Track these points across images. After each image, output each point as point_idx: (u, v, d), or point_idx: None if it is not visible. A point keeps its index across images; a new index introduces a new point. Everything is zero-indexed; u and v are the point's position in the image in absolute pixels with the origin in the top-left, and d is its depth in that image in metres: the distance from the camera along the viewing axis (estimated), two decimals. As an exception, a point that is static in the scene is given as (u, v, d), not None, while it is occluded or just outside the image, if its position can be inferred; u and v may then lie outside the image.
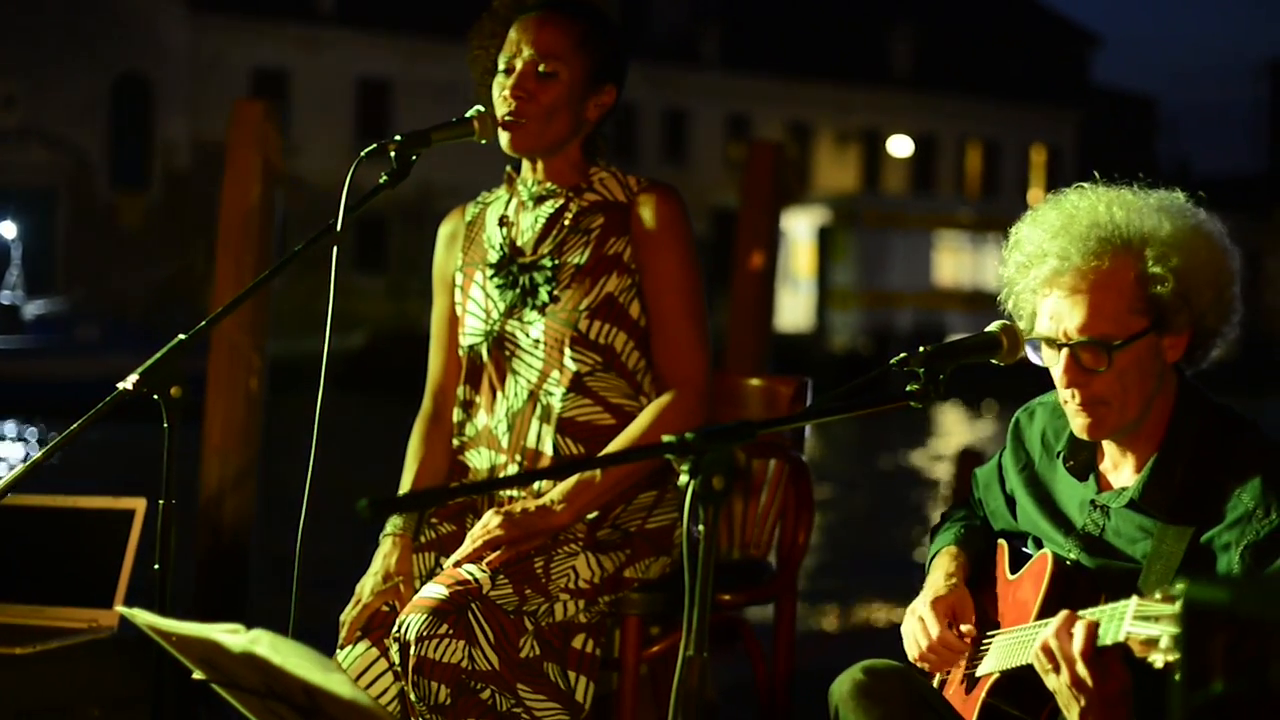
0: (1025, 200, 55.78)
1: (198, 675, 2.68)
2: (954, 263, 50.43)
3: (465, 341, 3.89)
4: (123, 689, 4.02)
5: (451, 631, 3.48)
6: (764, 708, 3.98)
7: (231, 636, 2.41)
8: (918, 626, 3.22)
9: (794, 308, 45.44)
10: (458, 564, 3.59)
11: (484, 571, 3.57)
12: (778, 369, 8.75)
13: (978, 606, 3.26)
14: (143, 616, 2.61)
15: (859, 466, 23.87)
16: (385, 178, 3.54)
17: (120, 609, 2.73)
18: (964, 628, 3.20)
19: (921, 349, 2.84)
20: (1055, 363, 2.98)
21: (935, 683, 3.29)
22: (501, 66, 3.77)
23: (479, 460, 3.87)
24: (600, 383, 3.78)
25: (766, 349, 8.54)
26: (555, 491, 3.66)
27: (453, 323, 3.95)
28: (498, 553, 3.58)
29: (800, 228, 46.72)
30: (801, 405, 3.99)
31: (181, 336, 3.40)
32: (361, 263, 41.44)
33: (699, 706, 2.45)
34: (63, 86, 41.61)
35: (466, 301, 3.91)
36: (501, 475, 3.81)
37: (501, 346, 3.82)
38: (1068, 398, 2.98)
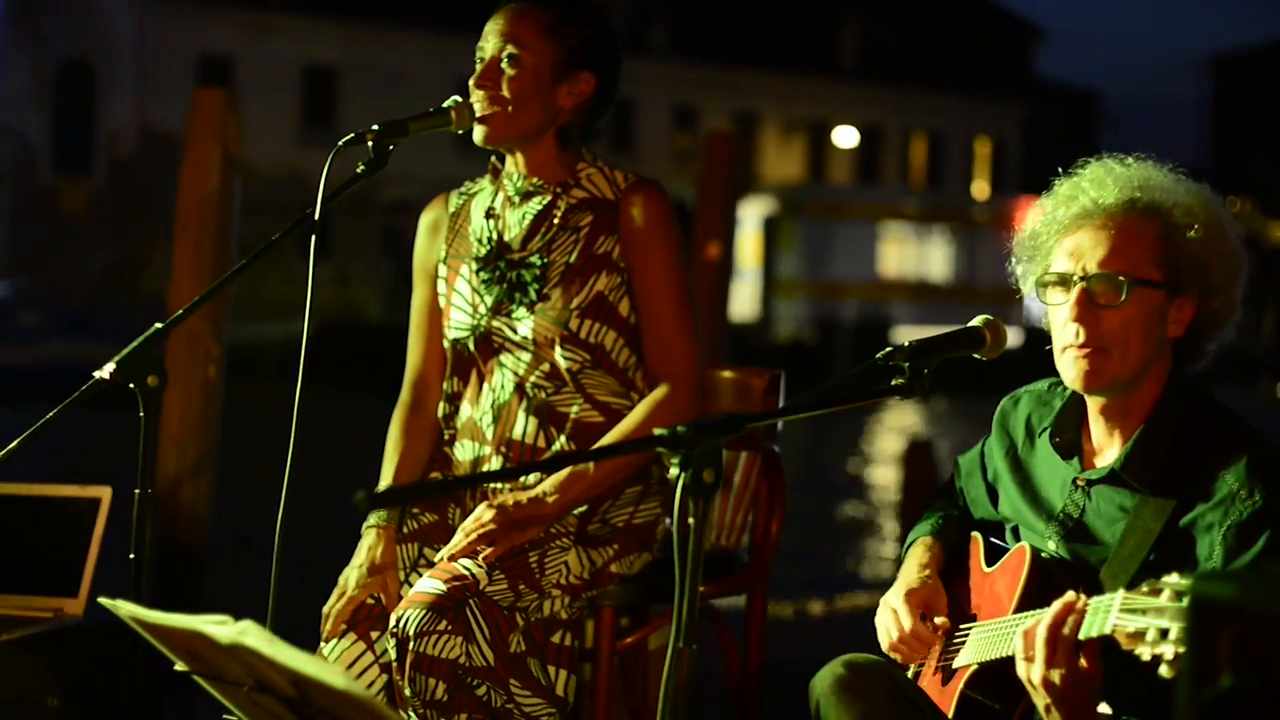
0: (970, 192, 56.06)
1: (180, 667, 2.67)
2: (899, 253, 50.54)
3: (451, 335, 3.88)
4: (88, 678, 4.00)
5: (450, 627, 3.47)
6: (736, 697, 3.99)
7: (219, 628, 2.39)
8: (890, 618, 3.24)
9: (739, 297, 45.41)
10: (452, 558, 3.58)
11: (480, 566, 3.57)
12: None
13: (953, 598, 3.28)
14: (126, 607, 2.60)
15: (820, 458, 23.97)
16: (362, 167, 3.53)
17: (103, 600, 2.71)
18: (936, 620, 3.22)
19: (907, 343, 2.85)
20: (1064, 301, 3.00)
21: (909, 674, 3.32)
22: (477, 58, 3.78)
23: (462, 453, 3.86)
24: (589, 380, 3.79)
25: (724, 339, 8.57)
26: (547, 483, 3.67)
27: (434, 313, 3.94)
28: (492, 547, 3.57)
29: (746, 217, 46.77)
30: (775, 398, 4.00)
31: (158, 326, 3.39)
32: (305, 251, 41.20)
33: (688, 698, 2.45)
34: (6, 71, 41.32)
35: (452, 294, 3.89)
36: (485, 467, 3.82)
37: (489, 341, 3.82)
38: (1069, 340, 2.99)
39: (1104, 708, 2.75)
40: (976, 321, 3.00)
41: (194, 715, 4.79)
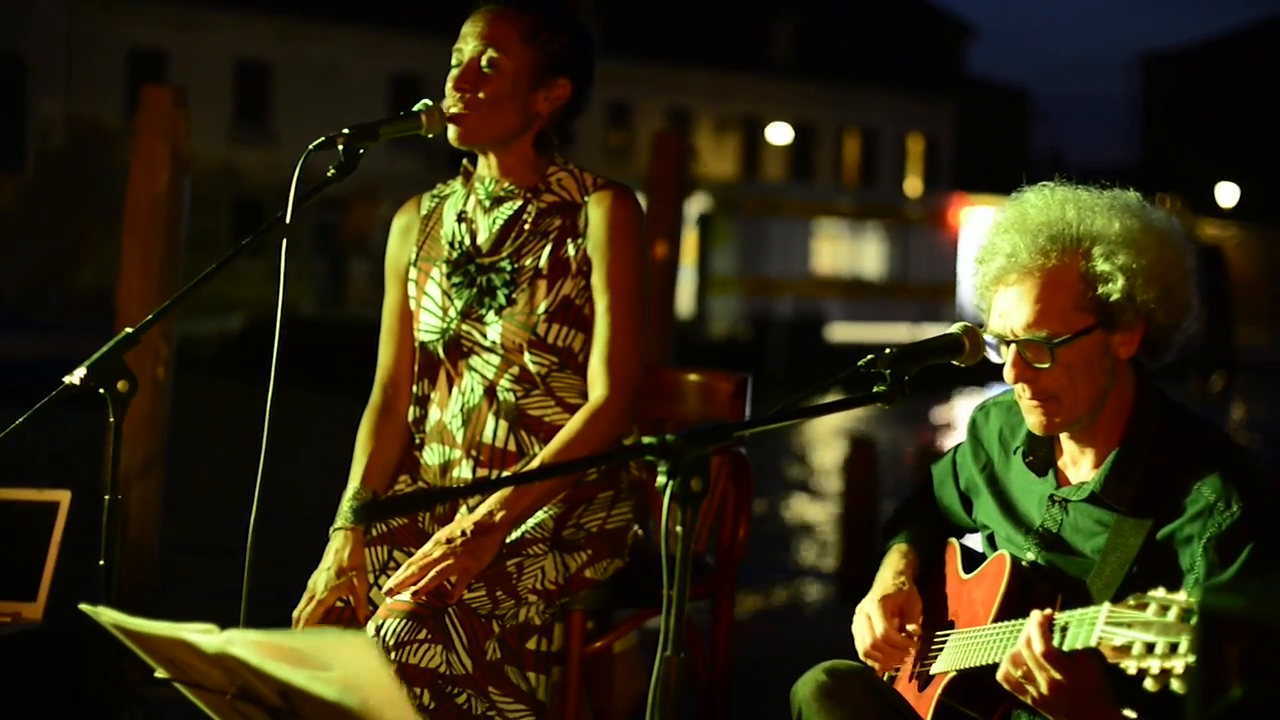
0: (903, 189, 56.26)
1: (160, 674, 2.66)
2: (832, 250, 50.77)
3: (421, 337, 3.87)
4: (47, 683, 3.98)
5: (430, 636, 3.47)
6: (702, 699, 4.00)
7: (205, 637, 2.39)
8: (864, 624, 3.27)
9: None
10: (391, 592, 3.56)
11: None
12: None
13: (929, 604, 3.30)
14: (107, 614, 2.58)
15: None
16: (333, 170, 3.51)
17: (84, 606, 2.69)
18: (910, 627, 3.24)
19: (887, 351, 2.87)
20: (1006, 359, 3.02)
21: (886, 677, 3.33)
22: (453, 60, 3.76)
23: (431, 456, 3.85)
24: (558, 383, 3.79)
25: (671, 339, 8.57)
26: (491, 501, 3.64)
27: (405, 316, 3.93)
28: (452, 586, 3.54)
29: (680, 214, 46.79)
30: (743, 401, 4.01)
31: (128, 331, 3.38)
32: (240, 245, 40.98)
33: (676, 706, 2.46)
34: (-66, 64, 40.91)
35: (422, 297, 3.89)
36: (455, 472, 3.81)
37: (458, 345, 3.81)
38: (1020, 393, 3.02)
39: (1129, 713, 2.77)
40: (955, 329, 3.01)
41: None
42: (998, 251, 3.03)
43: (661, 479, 2.50)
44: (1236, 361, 40.66)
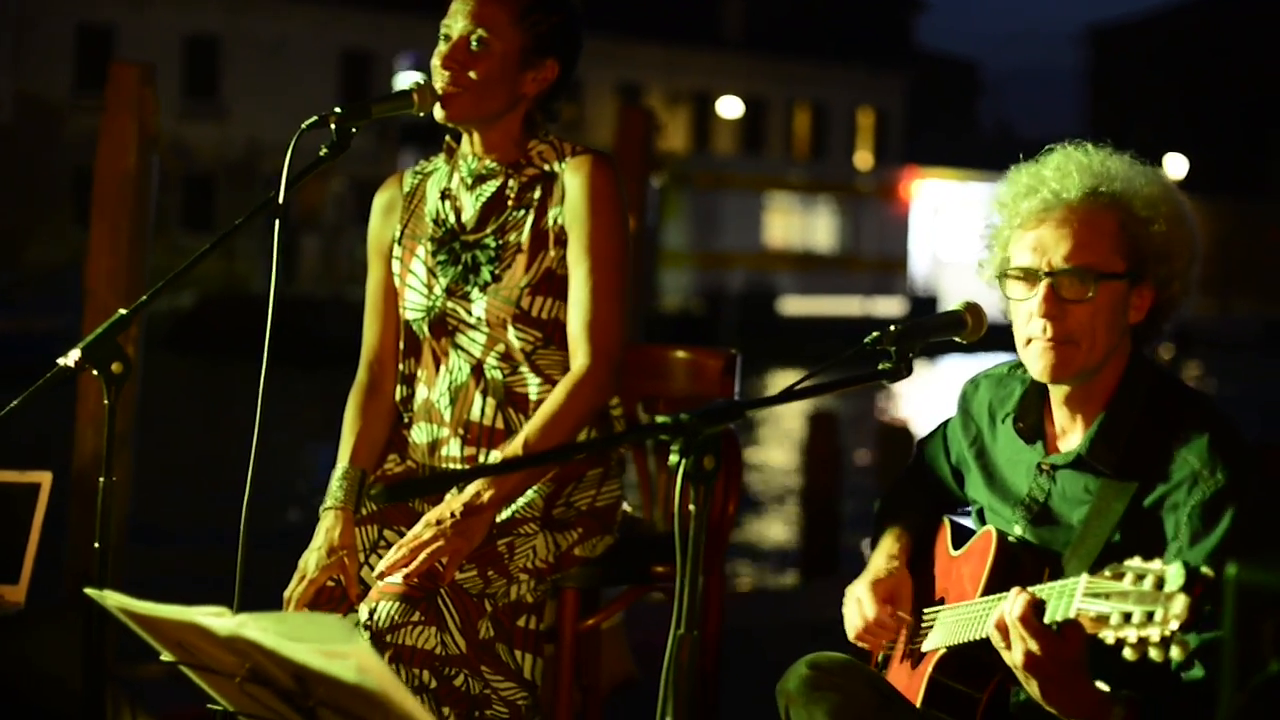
0: (853, 162, 56.39)
1: (166, 657, 2.65)
2: (784, 224, 50.83)
3: (406, 315, 3.86)
4: (30, 665, 3.97)
5: (424, 618, 3.46)
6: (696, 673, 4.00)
7: (217, 620, 2.38)
8: (854, 608, 3.28)
9: (625, 269, 45.42)
10: (381, 575, 3.55)
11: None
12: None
13: (921, 582, 3.32)
14: (114, 598, 2.57)
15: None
16: (325, 150, 3.48)
17: (89, 590, 2.68)
18: (899, 614, 3.25)
19: (892, 328, 2.88)
20: (1029, 296, 3.01)
21: (880, 658, 3.35)
22: (441, 34, 3.75)
23: (419, 435, 3.84)
24: (544, 359, 3.77)
25: (639, 314, 8.57)
26: (479, 481, 3.62)
27: (390, 293, 3.91)
28: (443, 569, 3.53)
29: (632, 189, 46.73)
30: (732, 378, 4.01)
31: (122, 311, 3.37)
32: (189, 222, 40.81)
33: (691, 684, 2.47)
34: (-122, 39, 40.55)
35: (407, 275, 3.87)
36: (443, 450, 3.80)
37: (443, 323, 3.80)
38: (1036, 334, 3.01)
39: (1102, 686, 2.80)
40: (957, 305, 3.02)
41: (141, 700, 4.75)
42: (1044, 186, 3.03)
43: (674, 458, 2.51)
44: (1186, 332, 40.92)
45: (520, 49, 3.72)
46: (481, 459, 3.76)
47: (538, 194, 3.78)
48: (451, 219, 3.83)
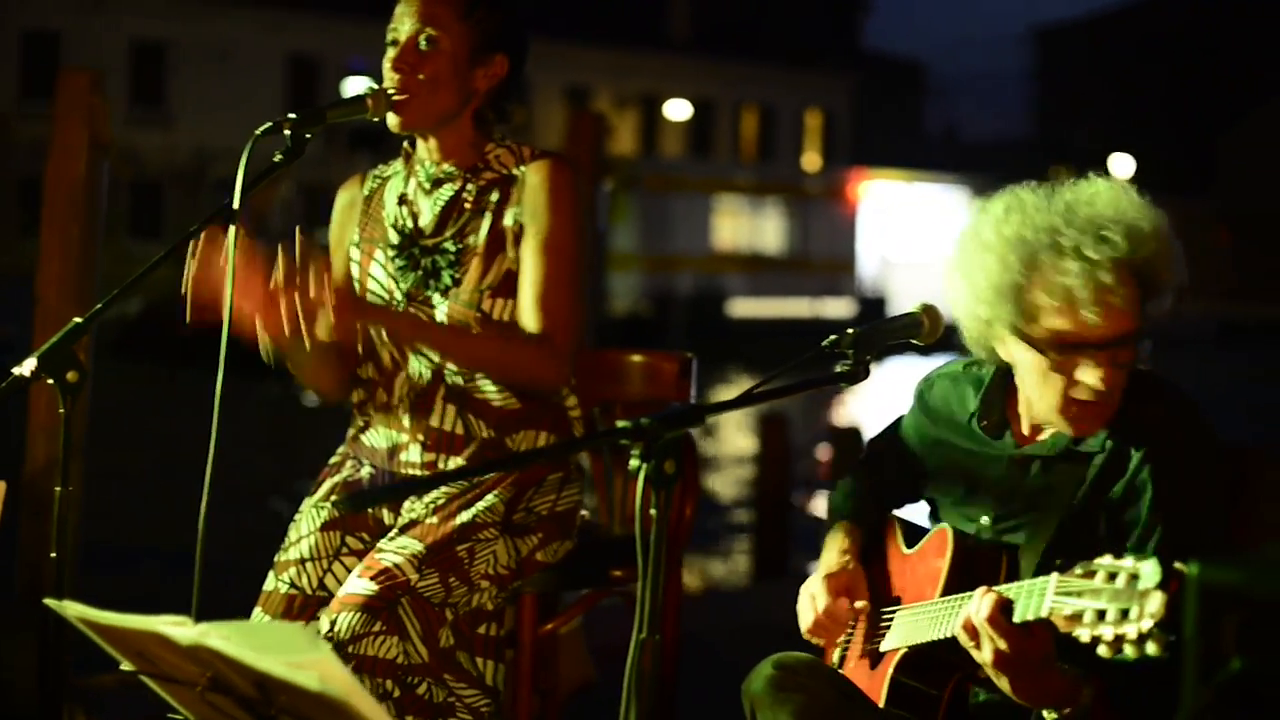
0: (800, 164, 56.49)
1: (126, 666, 2.64)
2: (733, 226, 50.92)
3: None
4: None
5: (385, 628, 3.46)
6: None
7: (179, 629, 2.37)
8: (808, 603, 3.29)
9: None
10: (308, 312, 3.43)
11: (410, 563, 3.56)
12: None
13: (874, 581, 3.33)
14: (73, 608, 2.56)
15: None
16: (280, 156, 3.47)
17: (49, 601, 2.67)
18: (857, 604, 3.26)
19: (850, 331, 2.88)
20: (1087, 368, 2.96)
21: (836, 656, 3.36)
22: (388, 40, 3.74)
23: (378, 440, 3.83)
24: None
25: (591, 318, 8.57)
26: (423, 322, 3.66)
27: (347, 282, 3.88)
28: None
29: (580, 192, 46.69)
30: (688, 382, 4.02)
31: (77, 320, 3.35)
32: (136, 229, 40.61)
33: (653, 688, 2.47)
34: None
35: (366, 279, 3.85)
36: (403, 455, 3.79)
37: None
38: (1083, 396, 2.98)
39: (1068, 667, 2.81)
40: (914, 308, 3.03)
41: (98, 711, 4.74)
42: (1076, 253, 2.93)
43: (635, 462, 2.51)
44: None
45: (469, 46, 3.72)
46: (441, 465, 3.75)
47: (495, 196, 3.77)
48: (409, 224, 3.82)
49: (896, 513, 3.42)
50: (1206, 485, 2.96)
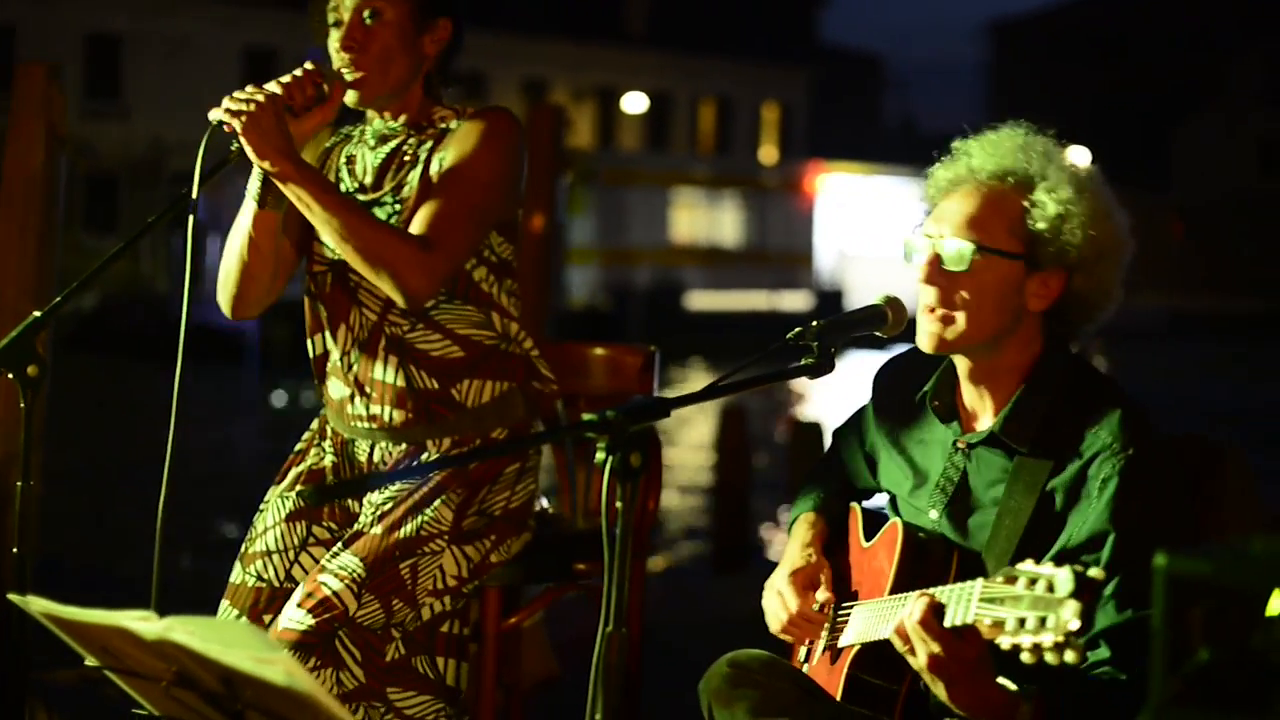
0: (758, 157, 56.50)
1: (91, 662, 2.63)
2: (690, 219, 50.84)
3: (313, 269, 3.83)
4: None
5: (320, 663, 3.49)
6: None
7: (144, 624, 2.37)
8: (777, 602, 3.28)
9: (532, 265, 45.29)
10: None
11: (350, 589, 3.56)
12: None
13: (837, 573, 3.32)
14: (37, 604, 2.55)
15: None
16: (236, 146, 3.46)
17: (13, 596, 2.66)
18: (820, 596, 3.26)
19: (814, 323, 2.89)
20: (924, 257, 3.05)
21: (801, 654, 3.36)
22: (330, 22, 3.71)
23: (333, 390, 3.83)
24: (446, 315, 3.73)
25: (548, 312, 8.57)
26: (329, 183, 3.58)
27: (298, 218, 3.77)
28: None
29: (538, 185, 46.59)
30: (651, 375, 4.02)
31: (36, 314, 3.33)
32: (92, 222, 40.40)
33: (620, 682, 2.47)
34: None
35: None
36: (349, 409, 3.78)
37: (345, 279, 3.76)
38: (921, 301, 3.06)
39: (1008, 684, 2.80)
40: (878, 300, 3.04)
41: (60, 707, 4.72)
42: (964, 157, 3.09)
43: (600, 455, 2.51)
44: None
45: (412, 14, 3.71)
46: (385, 417, 3.73)
47: (429, 145, 3.75)
48: (348, 181, 3.80)
49: (862, 503, 3.42)
50: (1144, 463, 2.94)
